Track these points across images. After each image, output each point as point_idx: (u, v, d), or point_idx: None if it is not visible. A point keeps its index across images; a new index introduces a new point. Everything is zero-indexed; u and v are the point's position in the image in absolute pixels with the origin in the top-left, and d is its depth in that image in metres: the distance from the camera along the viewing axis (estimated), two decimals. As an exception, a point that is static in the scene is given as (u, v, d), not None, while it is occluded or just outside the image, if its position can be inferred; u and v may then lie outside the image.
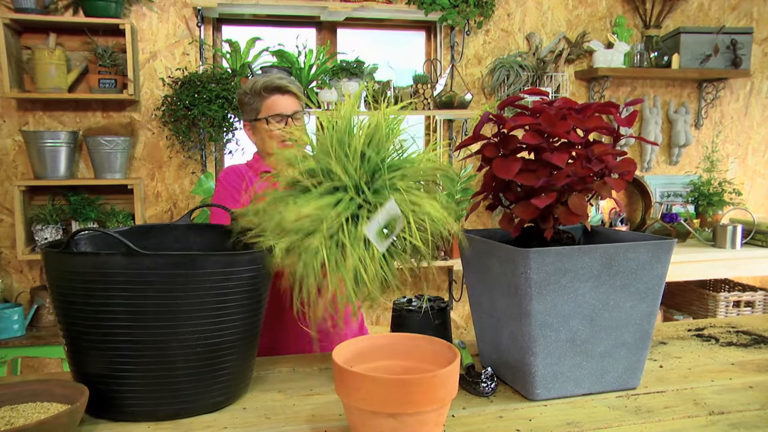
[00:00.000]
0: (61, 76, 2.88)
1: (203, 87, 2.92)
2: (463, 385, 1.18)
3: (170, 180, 3.21)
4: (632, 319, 1.14)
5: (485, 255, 1.17)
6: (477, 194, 1.24)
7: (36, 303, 2.97)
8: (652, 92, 3.81)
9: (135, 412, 1.04)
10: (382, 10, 3.25)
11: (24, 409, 0.99)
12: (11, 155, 3.04)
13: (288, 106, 1.83)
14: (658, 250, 1.12)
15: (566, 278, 1.07)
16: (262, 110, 1.82)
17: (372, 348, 1.05)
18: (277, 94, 1.82)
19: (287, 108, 1.82)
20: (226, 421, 1.05)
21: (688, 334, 1.55)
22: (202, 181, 2.96)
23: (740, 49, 3.56)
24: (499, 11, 3.52)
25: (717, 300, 3.34)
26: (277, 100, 1.82)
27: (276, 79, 1.84)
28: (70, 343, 1.06)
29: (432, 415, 0.90)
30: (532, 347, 1.09)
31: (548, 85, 3.55)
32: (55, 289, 1.05)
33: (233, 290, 1.06)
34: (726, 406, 1.10)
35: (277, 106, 1.81)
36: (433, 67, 3.50)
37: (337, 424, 1.03)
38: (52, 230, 2.92)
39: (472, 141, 1.20)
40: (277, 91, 1.82)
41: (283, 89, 1.82)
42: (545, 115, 1.12)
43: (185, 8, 3.13)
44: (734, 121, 3.94)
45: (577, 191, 1.14)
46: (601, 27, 3.67)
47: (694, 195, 3.69)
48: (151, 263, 0.99)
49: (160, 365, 1.02)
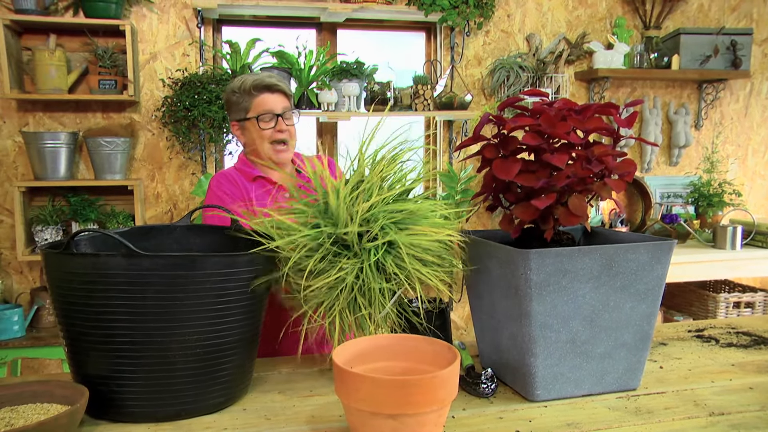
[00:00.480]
0: (62, 77, 2.88)
1: (203, 88, 2.92)
2: (463, 386, 1.18)
3: (170, 181, 3.21)
4: (632, 320, 1.14)
5: (485, 256, 1.17)
6: (477, 195, 1.24)
7: (36, 304, 2.97)
8: (652, 93, 3.81)
9: (135, 413, 1.04)
10: (382, 11, 3.25)
11: (24, 410, 0.99)
12: (11, 156, 3.04)
13: (278, 104, 1.81)
14: (658, 251, 1.12)
15: (566, 279, 1.07)
16: (251, 109, 1.80)
17: (372, 349, 1.05)
18: (267, 93, 1.80)
19: (277, 106, 1.81)
20: (227, 422, 1.05)
21: (688, 335, 1.55)
22: (202, 182, 2.96)
23: (740, 50, 3.57)
24: (499, 12, 3.52)
25: (717, 301, 3.34)
26: (267, 99, 1.80)
27: (265, 77, 1.82)
28: (70, 344, 1.06)
29: (432, 416, 0.90)
30: (532, 348, 1.09)
31: (548, 86, 3.55)
32: (55, 290, 1.05)
33: (233, 291, 1.06)
34: (726, 407, 1.10)
35: (267, 104, 1.80)
36: (433, 68, 3.50)
37: (337, 425, 1.03)
38: (52, 231, 2.92)
39: (472, 142, 1.20)
40: (266, 89, 1.80)
41: (272, 87, 1.81)
42: (545, 116, 1.12)
43: (185, 9, 3.14)
44: (734, 122, 3.95)
45: (577, 192, 1.14)
46: (601, 28, 3.68)
47: (694, 196, 3.69)
48: (151, 264, 0.99)
49: (160, 366, 1.02)
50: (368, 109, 3.22)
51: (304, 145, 3.45)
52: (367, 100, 3.22)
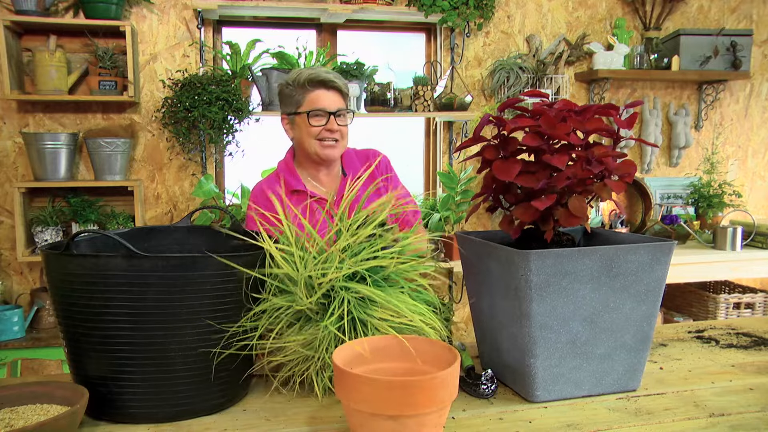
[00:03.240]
0: (62, 78, 2.89)
1: (203, 89, 2.92)
2: (463, 387, 1.18)
3: (170, 182, 3.21)
4: (632, 320, 1.14)
5: (485, 257, 1.17)
6: (477, 196, 1.24)
7: (36, 305, 2.97)
8: (652, 94, 3.81)
9: (135, 414, 1.04)
10: (382, 12, 3.25)
11: (24, 411, 0.99)
12: (11, 157, 3.04)
13: (332, 102, 1.73)
14: (658, 251, 1.12)
15: (566, 280, 1.07)
16: (303, 104, 1.73)
17: (372, 350, 1.05)
18: (322, 89, 1.72)
19: (331, 105, 1.73)
20: (226, 422, 1.05)
21: (688, 336, 1.55)
22: (202, 183, 2.96)
23: (740, 51, 3.57)
24: (499, 13, 3.52)
25: (717, 302, 3.34)
26: (321, 95, 1.72)
27: (323, 72, 1.74)
28: (70, 345, 1.06)
29: (432, 417, 0.90)
30: (532, 349, 1.09)
31: (548, 87, 3.55)
32: (55, 290, 1.05)
33: (233, 292, 1.06)
34: (726, 408, 1.10)
35: (321, 100, 1.72)
36: (433, 69, 3.50)
37: (337, 426, 1.03)
38: (52, 232, 2.92)
39: (472, 143, 1.20)
40: (322, 85, 1.72)
41: (328, 84, 1.73)
42: (545, 117, 1.12)
43: (185, 10, 3.14)
44: (734, 122, 3.95)
45: (577, 193, 1.14)
46: (601, 29, 3.68)
47: (694, 197, 3.69)
48: (151, 265, 0.99)
49: (160, 367, 1.02)
50: (368, 110, 3.22)
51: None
52: (368, 101, 3.22)
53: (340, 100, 1.77)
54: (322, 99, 1.73)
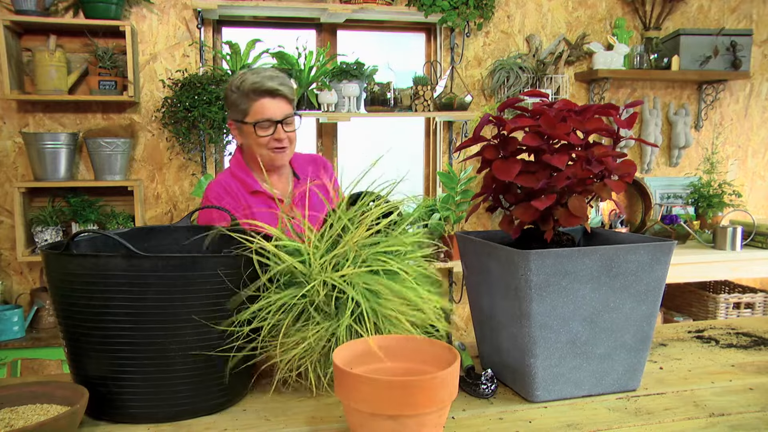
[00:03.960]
0: (62, 78, 2.89)
1: (203, 89, 2.93)
2: (463, 387, 1.18)
3: (170, 182, 3.21)
4: (632, 320, 1.14)
5: (485, 257, 1.17)
6: (477, 196, 1.24)
7: (36, 305, 2.97)
8: (652, 94, 3.81)
9: (135, 413, 1.04)
10: (382, 12, 3.25)
11: (24, 411, 0.99)
12: (11, 157, 3.04)
13: (277, 110, 1.70)
14: (658, 251, 1.12)
15: (566, 280, 1.07)
16: (249, 113, 1.70)
17: (372, 349, 1.05)
18: (267, 98, 1.69)
19: (277, 113, 1.70)
20: (226, 422, 1.05)
21: (688, 336, 1.55)
22: (202, 182, 2.96)
23: (740, 51, 3.57)
24: (499, 13, 3.52)
25: (717, 302, 3.34)
26: (267, 105, 1.69)
27: (267, 80, 1.70)
28: (70, 345, 1.06)
29: (432, 417, 0.90)
30: (532, 349, 1.09)
31: (548, 86, 3.55)
32: (55, 290, 1.05)
33: (233, 292, 1.06)
34: (726, 408, 1.10)
35: (267, 110, 1.69)
36: (433, 69, 3.50)
37: (336, 426, 1.03)
38: (52, 232, 2.92)
39: (472, 143, 1.20)
40: (267, 94, 1.69)
41: (273, 92, 1.69)
42: (545, 117, 1.12)
43: (185, 10, 3.14)
44: (734, 122, 3.95)
45: (577, 193, 1.14)
46: (601, 29, 3.68)
47: (694, 197, 3.69)
48: (151, 265, 0.99)
49: (160, 367, 1.02)
50: (368, 110, 3.22)
51: (305, 146, 3.45)
52: (367, 101, 3.22)
53: (286, 105, 1.73)
54: (267, 108, 1.70)
